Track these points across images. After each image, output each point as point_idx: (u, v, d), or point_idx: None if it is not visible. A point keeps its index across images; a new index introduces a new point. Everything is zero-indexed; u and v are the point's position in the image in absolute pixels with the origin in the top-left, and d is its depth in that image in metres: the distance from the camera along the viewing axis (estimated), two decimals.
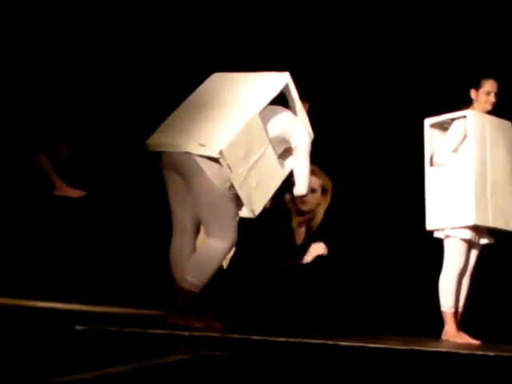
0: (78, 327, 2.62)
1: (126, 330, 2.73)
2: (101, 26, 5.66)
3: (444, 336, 4.46)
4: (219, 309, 3.80)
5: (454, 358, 3.15)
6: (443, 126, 4.68)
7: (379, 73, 6.46)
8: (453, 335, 4.41)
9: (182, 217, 3.65)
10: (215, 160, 3.49)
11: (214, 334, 3.02)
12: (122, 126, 5.55)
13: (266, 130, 3.68)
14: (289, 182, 3.87)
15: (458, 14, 6.19)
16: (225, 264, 4.05)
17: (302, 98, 3.93)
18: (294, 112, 3.87)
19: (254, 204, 3.64)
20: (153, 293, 5.13)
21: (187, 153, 3.52)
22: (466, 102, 4.61)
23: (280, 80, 3.79)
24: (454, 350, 3.50)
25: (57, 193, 5.03)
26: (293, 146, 3.80)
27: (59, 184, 5.01)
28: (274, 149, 3.72)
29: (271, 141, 3.70)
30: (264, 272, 3.85)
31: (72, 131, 5.34)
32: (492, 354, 3.36)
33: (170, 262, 3.68)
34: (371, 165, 6.36)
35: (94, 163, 5.59)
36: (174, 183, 3.65)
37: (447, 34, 6.27)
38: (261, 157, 3.64)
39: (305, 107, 3.96)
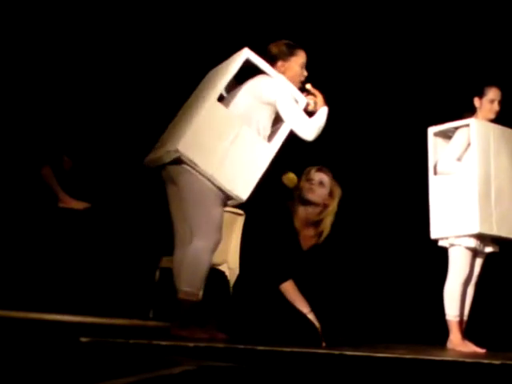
0: (83, 339, 2.62)
1: (131, 341, 2.73)
2: (107, 38, 5.68)
3: (449, 344, 4.45)
4: (223, 319, 3.79)
5: (460, 367, 3.14)
6: (447, 135, 4.69)
7: (383, 82, 6.48)
8: (458, 344, 4.39)
9: (181, 228, 3.66)
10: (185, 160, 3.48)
11: (218, 345, 3.01)
12: (126, 139, 5.57)
13: (242, 108, 3.60)
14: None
15: (462, 23, 6.21)
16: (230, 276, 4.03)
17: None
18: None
19: (238, 189, 3.56)
20: (157, 304, 5.13)
21: (169, 163, 3.56)
22: (470, 111, 4.61)
23: (238, 58, 3.65)
24: (459, 359, 3.49)
25: (61, 205, 5.05)
26: (275, 104, 3.66)
27: (63, 196, 5.03)
28: (257, 127, 3.63)
29: (252, 112, 3.61)
30: (268, 281, 3.84)
31: (76, 144, 5.36)
32: (497, 362, 3.34)
33: (173, 273, 3.68)
34: (375, 173, 6.36)
35: (97, 175, 5.60)
36: (172, 195, 3.68)
37: (451, 43, 6.29)
38: (233, 141, 3.54)
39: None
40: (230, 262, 5.13)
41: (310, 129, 3.71)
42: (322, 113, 3.81)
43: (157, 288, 5.15)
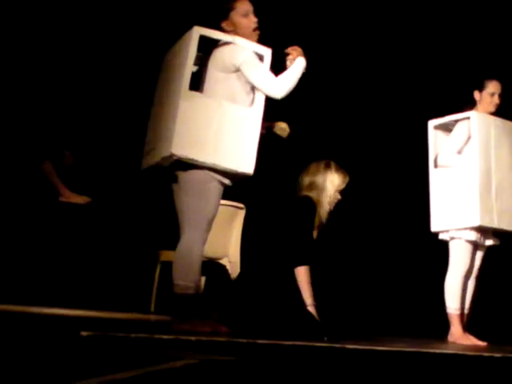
0: (84, 333, 2.62)
1: (133, 335, 2.73)
2: (107, 34, 5.68)
3: (450, 338, 4.46)
4: (225, 312, 3.79)
5: (461, 360, 3.15)
6: (447, 128, 4.68)
7: (383, 75, 6.47)
8: (459, 337, 4.40)
9: None
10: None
11: (220, 339, 3.01)
12: (127, 134, 5.56)
13: (215, 85, 3.56)
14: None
15: (462, 16, 6.20)
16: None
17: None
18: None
19: (243, 165, 3.55)
20: (159, 298, 5.14)
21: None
22: (470, 104, 4.61)
23: (191, 40, 3.55)
24: (460, 352, 3.49)
25: (62, 199, 5.04)
26: (240, 68, 3.57)
27: (64, 191, 5.02)
28: (235, 97, 3.57)
29: (226, 85, 3.56)
30: (271, 274, 3.84)
31: (76, 138, 5.35)
32: (499, 355, 3.35)
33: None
34: (376, 167, 6.36)
35: (98, 170, 5.61)
36: (177, 194, 3.68)
37: (450, 36, 6.28)
38: (220, 123, 3.51)
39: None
40: (230, 256, 5.14)
41: (276, 86, 3.59)
42: (294, 66, 3.66)
43: (158, 282, 5.15)
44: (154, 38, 5.69)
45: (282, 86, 3.60)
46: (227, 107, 3.55)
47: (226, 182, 3.59)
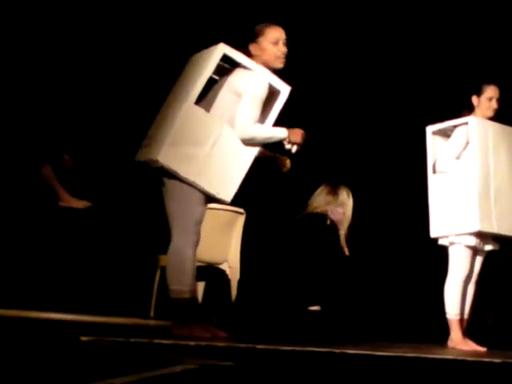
0: (83, 338, 2.62)
1: (132, 340, 2.73)
2: (107, 35, 5.69)
3: (450, 343, 4.45)
4: (224, 317, 3.79)
5: (461, 365, 3.14)
6: (445, 133, 4.68)
7: (381, 81, 6.48)
8: (459, 342, 4.40)
9: None
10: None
11: (219, 344, 3.01)
12: (127, 138, 5.56)
13: (222, 105, 3.56)
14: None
15: (459, 21, 6.21)
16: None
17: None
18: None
19: (223, 192, 3.55)
20: (158, 303, 5.13)
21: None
22: (468, 109, 4.61)
23: (214, 54, 3.56)
24: (460, 357, 3.49)
25: (61, 204, 5.04)
26: (241, 95, 3.57)
27: (64, 195, 5.02)
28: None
29: (233, 108, 3.55)
30: (270, 282, 3.84)
31: (76, 142, 5.36)
32: (498, 360, 3.35)
33: None
34: (374, 173, 6.36)
35: (98, 174, 5.60)
36: (164, 194, 3.69)
37: (448, 41, 6.29)
38: (214, 144, 3.50)
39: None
40: (230, 261, 5.14)
41: (246, 128, 3.56)
42: (276, 132, 3.65)
43: (157, 287, 5.15)
44: (157, 44, 5.71)
45: (250, 132, 3.57)
46: (227, 132, 3.55)
47: (208, 195, 3.58)
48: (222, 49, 3.58)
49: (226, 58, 3.63)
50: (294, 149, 3.68)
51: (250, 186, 3.69)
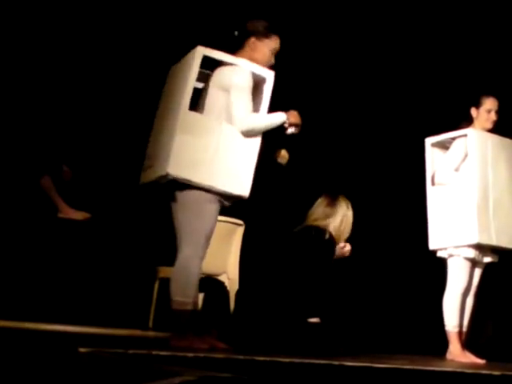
0: (82, 349, 2.62)
1: (131, 351, 2.73)
2: (107, 43, 5.70)
3: (449, 355, 4.44)
4: (223, 328, 3.79)
5: (460, 378, 3.14)
6: (444, 145, 4.69)
7: (381, 93, 6.49)
8: (457, 354, 4.39)
9: None
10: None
11: (218, 355, 3.01)
12: (126, 149, 5.57)
13: (215, 104, 3.57)
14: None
15: (458, 33, 6.23)
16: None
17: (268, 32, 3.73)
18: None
19: (239, 188, 3.55)
20: (157, 314, 5.12)
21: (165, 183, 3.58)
22: (467, 121, 4.62)
23: (193, 60, 3.56)
24: (459, 370, 3.48)
25: (60, 215, 5.04)
26: (229, 90, 3.57)
27: (63, 206, 5.02)
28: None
29: (225, 105, 3.56)
30: (270, 293, 3.84)
31: (75, 153, 5.36)
32: (497, 373, 3.34)
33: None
34: (373, 184, 6.37)
35: (97, 186, 5.61)
36: (174, 211, 3.68)
37: (447, 53, 6.31)
38: (218, 144, 3.51)
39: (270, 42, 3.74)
40: (229, 272, 5.14)
41: (243, 120, 3.56)
42: (273, 117, 3.66)
43: (156, 298, 5.14)
44: (158, 51, 5.72)
45: (249, 123, 3.58)
46: (227, 129, 3.56)
47: (223, 201, 3.59)
48: (200, 51, 3.58)
49: (207, 63, 3.63)
50: (295, 130, 3.71)
51: (249, 198, 3.69)
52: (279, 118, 3.67)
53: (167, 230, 3.76)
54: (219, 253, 4.96)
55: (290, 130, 3.72)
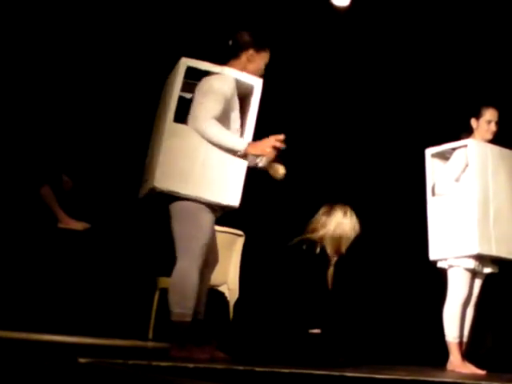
0: (82, 360, 2.61)
1: (131, 362, 2.72)
2: (108, 53, 5.72)
3: (449, 366, 4.43)
4: (223, 339, 3.78)
5: None
6: (444, 156, 4.70)
7: (381, 104, 6.51)
8: (458, 365, 4.38)
9: None
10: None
11: (218, 366, 3.00)
12: (126, 159, 5.58)
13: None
14: None
15: (458, 44, 6.25)
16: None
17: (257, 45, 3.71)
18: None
19: (228, 198, 3.52)
20: (157, 325, 5.12)
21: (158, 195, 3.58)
22: (467, 131, 4.63)
23: (178, 72, 3.56)
24: (459, 380, 3.47)
25: (60, 225, 5.04)
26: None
27: (63, 217, 5.03)
28: (222, 123, 3.50)
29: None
30: (270, 304, 3.84)
31: (75, 163, 5.37)
32: None
33: None
34: (374, 195, 6.37)
35: (97, 196, 5.61)
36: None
37: (447, 64, 6.32)
38: (206, 154, 3.48)
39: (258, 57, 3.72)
40: (229, 283, 5.13)
41: (206, 124, 3.47)
42: (230, 139, 3.52)
43: (156, 308, 5.14)
44: (159, 60, 5.73)
45: (209, 130, 3.48)
46: None
47: (215, 211, 3.58)
48: (184, 62, 3.59)
49: (195, 74, 3.63)
50: (263, 162, 3.62)
51: (249, 208, 3.69)
52: (235, 144, 3.54)
53: (167, 241, 3.77)
54: (219, 263, 4.94)
55: (257, 161, 3.60)
